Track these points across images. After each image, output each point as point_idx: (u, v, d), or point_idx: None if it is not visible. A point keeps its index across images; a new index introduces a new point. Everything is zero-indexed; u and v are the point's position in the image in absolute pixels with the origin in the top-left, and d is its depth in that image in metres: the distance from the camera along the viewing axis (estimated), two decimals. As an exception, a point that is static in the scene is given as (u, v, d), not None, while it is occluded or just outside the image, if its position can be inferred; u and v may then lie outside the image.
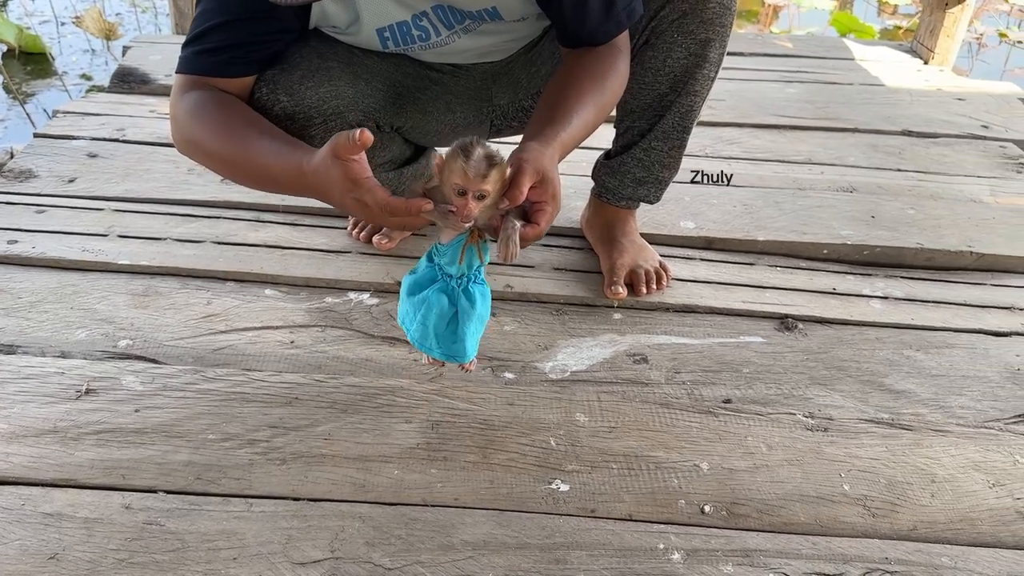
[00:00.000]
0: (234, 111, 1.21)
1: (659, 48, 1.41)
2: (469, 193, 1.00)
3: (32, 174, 1.83)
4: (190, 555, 1.03)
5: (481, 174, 1.00)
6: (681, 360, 1.42)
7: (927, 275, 1.72)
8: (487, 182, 1.00)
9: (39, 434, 1.18)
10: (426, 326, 1.11)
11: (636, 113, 1.50)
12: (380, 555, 1.04)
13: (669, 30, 1.39)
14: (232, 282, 1.54)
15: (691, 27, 1.38)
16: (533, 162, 1.05)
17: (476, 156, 1.00)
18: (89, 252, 1.57)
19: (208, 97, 1.21)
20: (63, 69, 3.20)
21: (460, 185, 1.00)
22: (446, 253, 1.10)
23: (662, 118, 1.48)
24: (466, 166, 0.99)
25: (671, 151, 1.53)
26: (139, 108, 2.20)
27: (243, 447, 1.18)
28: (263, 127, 1.19)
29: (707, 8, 1.36)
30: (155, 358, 1.34)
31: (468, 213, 1.02)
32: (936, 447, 1.27)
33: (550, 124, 1.15)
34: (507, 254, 1.03)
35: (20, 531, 1.04)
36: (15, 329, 1.38)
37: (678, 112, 1.47)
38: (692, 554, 1.08)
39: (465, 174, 1.00)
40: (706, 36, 1.39)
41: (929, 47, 2.89)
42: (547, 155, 1.09)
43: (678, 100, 1.45)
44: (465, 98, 1.51)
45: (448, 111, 1.51)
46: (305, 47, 1.32)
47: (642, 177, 1.55)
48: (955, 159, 2.18)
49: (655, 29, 1.40)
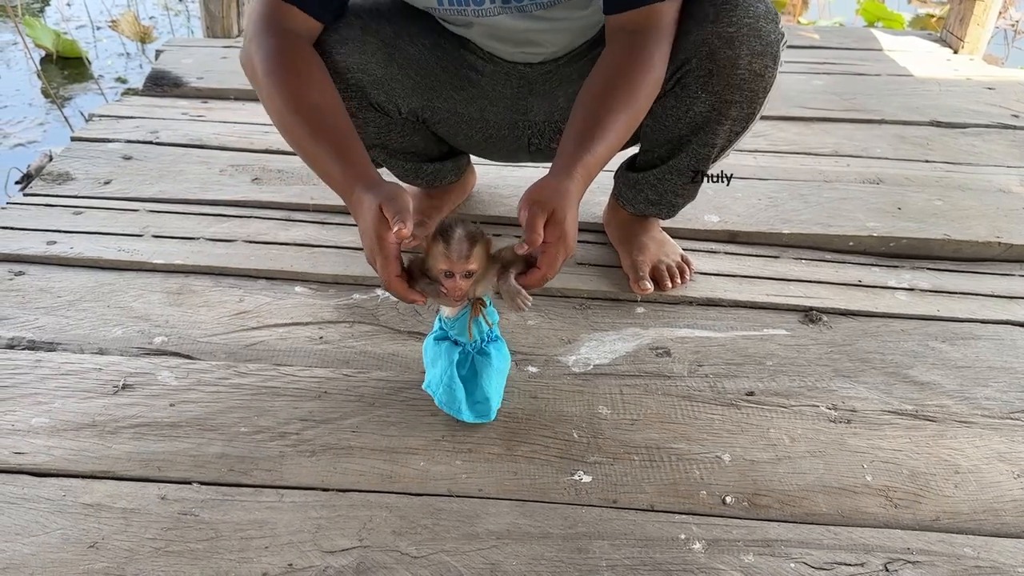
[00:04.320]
0: (308, 81, 1.24)
1: (682, 99, 1.39)
2: (456, 275, 1.05)
3: (69, 176, 1.88)
4: (223, 544, 1.06)
5: (463, 255, 1.05)
6: (704, 353, 1.43)
7: (954, 266, 1.71)
8: (471, 261, 1.06)
9: (79, 428, 1.22)
10: (451, 392, 1.19)
11: (655, 143, 1.49)
12: (407, 544, 1.07)
13: (694, 84, 1.37)
14: (263, 280, 1.58)
15: (716, 87, 1.36)
16: (545, 203, 1.08)
17: (456, 238, 1.05)
18: (125, 252, 1.61)
19: (286, 53, 1.25)
20: (99, 73, 3.27)
21: (445, 268, 1.06)
22: (454, 326, 1.18)
23: (677, 156, 1.47)
24: (447, 250, 1.05)
25: (685, 186, 1.52)
26: (172, 111, 2.25)
27: (274, 439, 1.22)
28: (329, 109, 1.22)
29: (735, 73, 1.34)
30: (189, 354, 1.38)
31: (458, 294, 1.07)
32: (960, 438, 1.27)
33: (575, 152, 1.17)
34: (518, 308, 1.09)
35: (62, 521, 1.08)
36: (55, 327, 1.42)
37: (693, 156, 1.46)
38: (713, 544, 1.09)
39: (448, 258, 1.06)
40: (731, 98, 1.37)
41: (959, 36, 2.86)
42: (562, 191, 1.11)
43: (694, 144, 1.44)
44: (500, 106, 1.51)
45: (481, 117, 1.52)
46: (356, 19, 1.36)
47: (655, 199, 1.56)
48: (984, 149, 2.16)
49: (680, 80, 1.38)
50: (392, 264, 1.09)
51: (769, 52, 1.33)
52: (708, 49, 1.32)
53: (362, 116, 1.45)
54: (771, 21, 1.33)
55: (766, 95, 1.39)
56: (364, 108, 1.45)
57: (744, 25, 1.31)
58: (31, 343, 1.38)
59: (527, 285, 1.11)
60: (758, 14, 1.31)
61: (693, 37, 1.32)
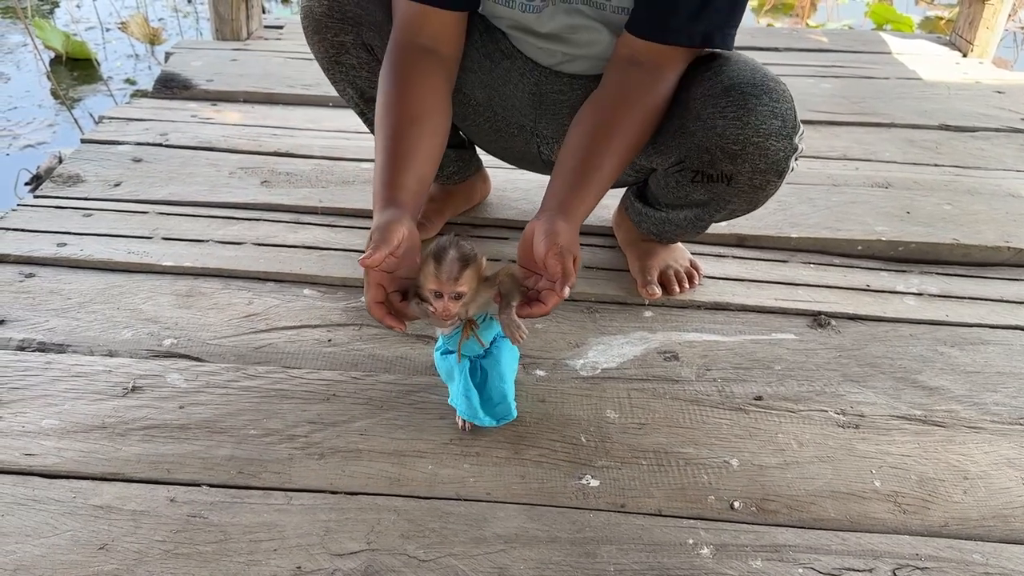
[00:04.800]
0: (406, 103, 1.26)
1: (682, 185, 1.40)
2: (445, 296, 1.06)
3: (80, 178, 1.89)
4: (232, 546, 1.06)
5: (452, 277, 1.07)
6: (712, 357, 1.43)
7: (963, 271, 1.70)
8: (460, 283, 1.07)
9: (88, 430, 1.23)
10: (470, 400, 1.20)
11: (658, 197, 1.50)
12: (415, 547, 1.07)
13: (692, 182, 1.37)
14: (272, 282, 1.58)
15: (716, 190, 1.36)
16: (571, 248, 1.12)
17: (448, 260, 1.07)
18: (134, 254, 1.62)
19: (407, 68, 1.28)
20: (108, 74, 3.28)
21: (434, 289, 1.07)
22: (451, 342, 1.19)
23: (677, 212, 1.48)
24: (438, 271, 1.07)
25: (686, 232, 1.53)
26: (181, 113, 2.26)
27: (283, 442, 1.22)
28: (410, 126, 1.24)
29: (734, 185, 1.34)
30: (198, 356, 1.38)
31: (446, 315, 1.09)
32: (969, 444, 1.27)
33: (575, 191, 1.21)
34: (515, 340, 1.11)
35: (71, 522, 1.09)
36: (65, 329, 1.43)
37: (692, 218, 1.47)
38: (721, 549, 1.09)
39: (437, 279, 1.07)
40: (730, 199, 1.38)
41: (968, 39, 2.85)
42: (575, 239, 1.16)
43: (694, 209, 1.45)
44: (508, 104, 1.50)
45: (488, 105, 1.51)
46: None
47: (657, 233, 1.56)
48: (993, 153, 2.16)
49: (680, 172, 1.38)
50: (372, 290, 1.12)
51: (774, 169, 1.31)
52: (710, 157, 1.31)
53: (355, 55, 1.44)
54: (783, 138, 1.27)
55: (768, 199, 1.39)
56: (357, 47, 1.43)
57: (751, 144, 1.27)
58: (41, 345, 1.39)
59: (526, 316, 1.13)
60: (769, 131, 1.26)
61: (697, 141, 1.30)
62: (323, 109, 2.32)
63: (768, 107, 1.25)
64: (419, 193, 1.21)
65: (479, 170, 1.78)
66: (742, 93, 1.25)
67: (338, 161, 2.00)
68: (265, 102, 2.38)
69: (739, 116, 1.25)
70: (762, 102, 1.25)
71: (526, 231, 1.18)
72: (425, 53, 1.30)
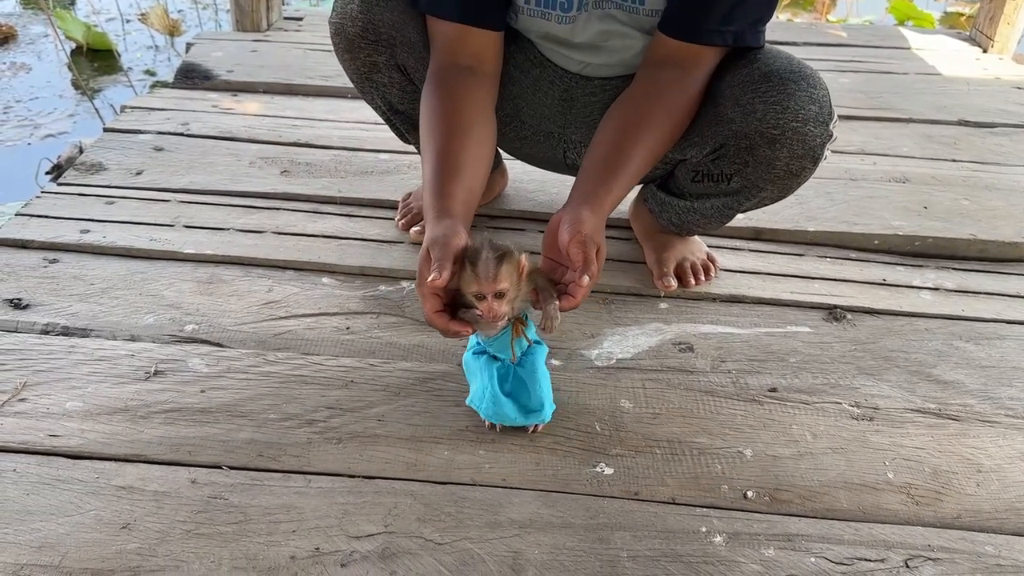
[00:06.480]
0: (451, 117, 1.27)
1: (715, 176, 1.40)
2: (488, 296, 1.07)
3: (102, 167, 1.92)
4: (252, 527, 1.08)
5: (491, 276, 1.07)
6: (727, 349, 1.44)
7: (980, 266, 1.70)
8: (500, 281, 1.07)
9: (111, 412, 1.25)
10: (498, 407, 1.19)
11: (685, 188, 1.50)
12: (431, 530, 1.09)
13: (728, 169, 1.38)
14: (291, 270, 1.60)
15: (751, 177, 1.37)
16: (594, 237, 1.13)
17: (483, 261, 1.07)
18: (156, 241, 1.64)
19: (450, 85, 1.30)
20: (128, 65, 3.31)
21: (476, 291, 1.08)
22: (493, 344, 1.19)
23: (707, 201, 1.48)
24: (475, 274, 1.07)
25: (709, 223, 1.53)
26: (202, 103, 2.28)
27: (302, 426, 1.24)
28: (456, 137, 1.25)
29: (770, 170, 1.34)
30: (219, 342, 1.40)
31: (495, 315, 1.09)
32: (983, 437, 1.27)
33: (603, 183, 1.21)
34: (550, 327, 1.12)
35: (95, 502, 1.11)
36: (88, 314, 1.45)
37: (720, 207, 1.47)
38: (734, 537, 1.10)
39: (477, 281, 1.07)
40: (764, 187, 1.38)
41: (988, 35, 2.84)
42: (600, 228, 1.18)
43: (724, 202, 1.45)
44: (538, 113, 1.51)
45: (516, 115, 1.52)
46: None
47: (678, 223, 1.56)
48: (1012, 149, 2.15)
49: (716, 161, 1.38)
50: (429, 301, 1.11)
51: (810, 155, 1.32)
52: (748, 143, 1.31)
53: (387, 75, 1.45)
54: (820, 124, 1.28)
55: (800, 186, 1.40)
56: (390, 68, 1.44)
57: (789, 129, 1.27)
58: (65, 329, 1.41)
59: (560, 310, 1.14)
60: (807, 117, 1.27)
61: (736, 127, 1.31)
62: (342, 100, 2.34)
63: (806, 92, 1.26)
64: (469, 203, 1.22)
65: (498, 165, 1.79)
66: (781, 79, 1.26)
67: (357, 152, 2.02)
68: (285, 93, 2.40)
69: (779, 101, 1.26)
70: (800, 87, 1.26)
71: (551, 221, 1.19)
72: (467, 72, 1.32)
